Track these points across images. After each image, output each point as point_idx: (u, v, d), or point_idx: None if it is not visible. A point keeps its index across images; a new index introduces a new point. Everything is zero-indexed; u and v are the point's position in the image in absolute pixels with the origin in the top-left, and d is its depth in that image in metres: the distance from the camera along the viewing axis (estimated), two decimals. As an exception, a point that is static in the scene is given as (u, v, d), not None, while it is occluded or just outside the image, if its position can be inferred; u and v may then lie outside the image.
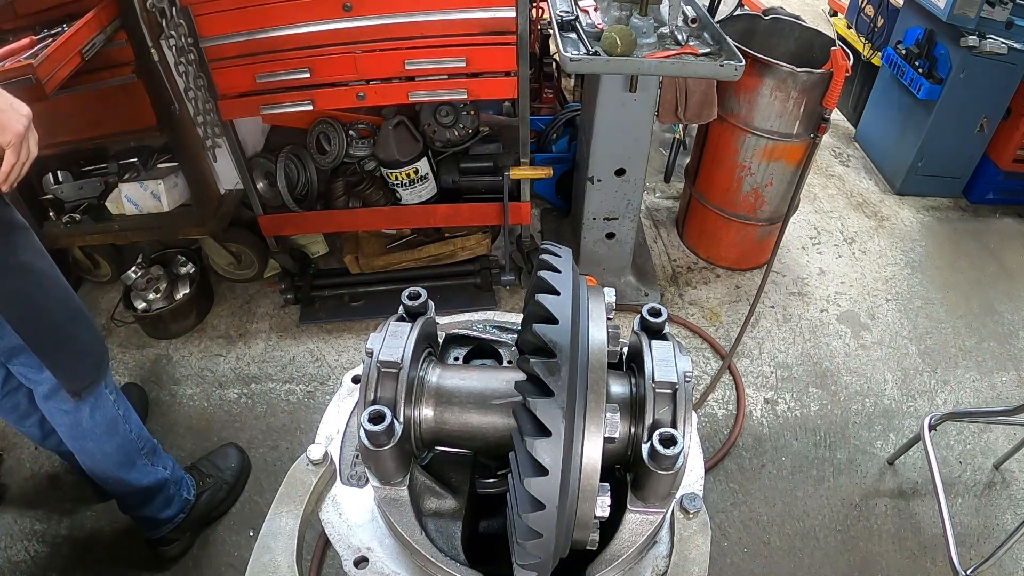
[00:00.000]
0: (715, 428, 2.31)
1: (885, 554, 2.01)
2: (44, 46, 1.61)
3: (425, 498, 0.82)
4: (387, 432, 0.70)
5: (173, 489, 1.82)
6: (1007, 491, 2.18)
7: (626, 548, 0.76)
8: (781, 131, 2.45)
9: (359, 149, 2.50)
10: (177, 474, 1.85)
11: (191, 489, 1.90)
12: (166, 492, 1.80)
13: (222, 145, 2.23)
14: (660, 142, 3.68)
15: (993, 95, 3.03)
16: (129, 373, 2.44)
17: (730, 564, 1.97)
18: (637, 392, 0.76)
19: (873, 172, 3.65)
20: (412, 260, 2.65)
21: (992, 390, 2.51)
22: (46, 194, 2.38)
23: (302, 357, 2.50)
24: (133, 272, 2.42)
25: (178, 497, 1.84)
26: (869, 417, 2.38)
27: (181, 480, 1.87)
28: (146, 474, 1.74)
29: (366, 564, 0.79)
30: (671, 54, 1.91)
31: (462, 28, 1.92)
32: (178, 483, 1.85)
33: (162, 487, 1.79)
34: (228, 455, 2.08)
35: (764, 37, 2.70)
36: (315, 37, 1.93)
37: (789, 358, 2.58)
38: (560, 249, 0.75)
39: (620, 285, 2.72)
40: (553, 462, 0.59)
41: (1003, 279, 3.02)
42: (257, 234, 2.55)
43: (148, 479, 1.74)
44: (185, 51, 1.92)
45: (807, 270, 3.00)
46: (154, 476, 1.76)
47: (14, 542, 1.97)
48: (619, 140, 2.27)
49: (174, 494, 1.83)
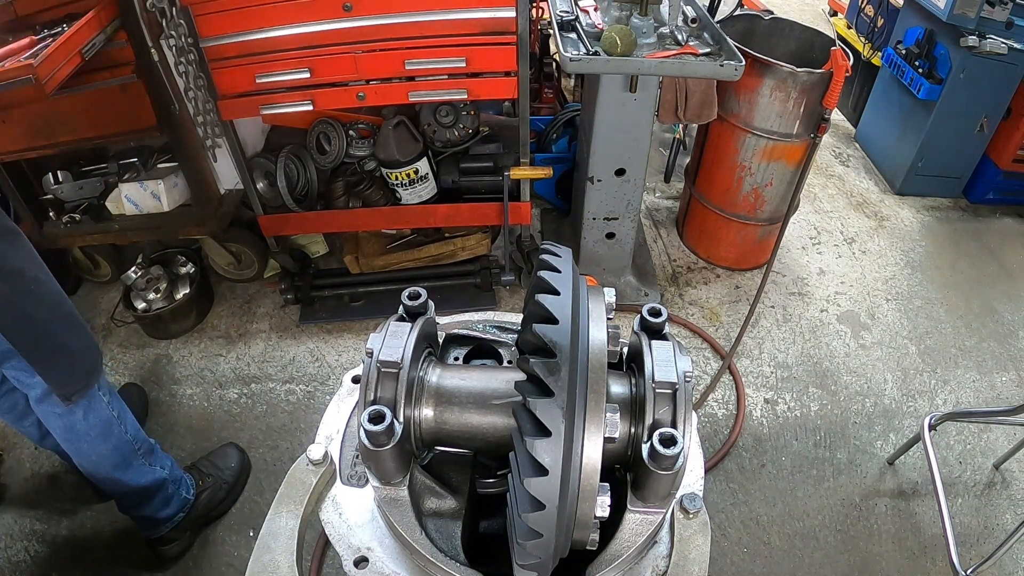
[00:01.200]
0: (715, 428, 2.31)
1: (885, 554, 2.01)
2: (44, 46, 1.61)
3: (425, 498, 0.82)
4: (387, 432, 0.70)
5: (172, 488, 1.82)
6: (1007, 491, 2.18)
7: (626, 548, 0.76)
8: (781, 131, 2.45)
9: (359, 149, 2.50)
10: (176, 473, 1.85)
11: (190, 488, 1.90)
12: (164, 492, 1.80)
13: (222, 145, 2.23)
14: (660, 142, 3.68)
15: (993, 95, 3.03)
16: (129, 373, 2.44)
17: (730, 564, 1.97)
18: (637, 392, 0.76)
19: (873, 172, 3.65)
20: (412, 260, 2.65)
21: (992, 390, 2.51)
22: (46, 194, 2.38)
23: (302, 357, 2.50)
24: (133, 272, 2.42)
25: (177, 497, 1.84)
26: (869, 417, 2.38)
27: (180, 479, 1.87)
28: (143, 474, 1.74)
29: (366, 564, 0.79)
30: (671, 54, 1.91)
31: (462, 28, 1.92)
32: (177, 482, 1.85)
33: (160, 487, 1.78)
34: (228, 455, 2.08)
35: (764, 37, 2.70)
36: (315, 37, 1.93)
37: (789, 358, 2.58)
38: (560, 249, 0.75)
39: (620, 285, 2.72)
40: (553, 462, 0.59)
41: (1003, 279, 3.02)
42: (257, 234, 2.55)
43: (145, 479, 1.74)
44: (185, 51, 1.92)
45: (807, 270, 3.00)
46: (151, 476, 1.75)
47: (14, 542, 1.97)
48: (619, 140, 2.27)
49: (172, 493, 1.83)
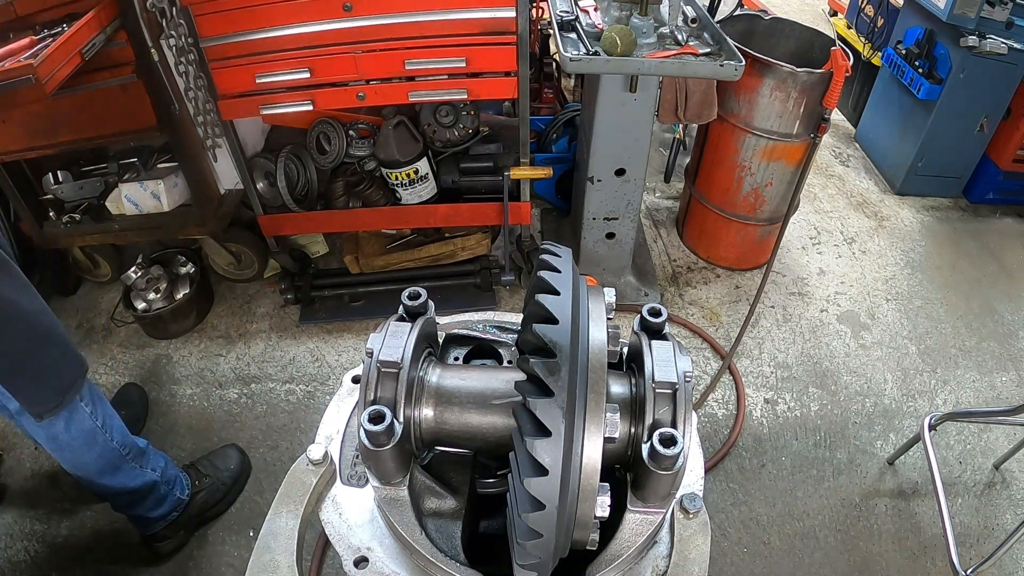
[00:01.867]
0: (715, 428, 2.31)
1: (885, 554, 2.01)
2: (44, 46, 1.61)
3: (425, 498, 0.82)
4: (387, 432, 0.70)
5: (164, 489, 1.82)
6: (1007, 491, 2.18)
7: (626, 548, 0.76)
8: (781, 131, 2.45)
9: (359, 149, 2.50)
10: (169, 474, 1.85)
11: (185, 488, 1.90)
12: (156, 492, 1.80)
13: (222, 145, 2.23)
14: (660, 142, 3.68)
15: (993, 95, 3.03)
16: (129, 373, 2.44)
17: (730, 564, 1.97)
18: (637, 392, 0.76)
19: (873, 172, 3.65)
20: (412, 260, 2.65)
21: (992, 390, 2.51)
22: (46, 194, 2.38)
23: (302, 357, 2.50)
24: (133, 272, 2.42)
25: (170, 496, 1.84)
26: (869, 417, 2.38)
27: (174, 479, 1.87)
28: (132, 478, 1.73)
29: (366, 564, 0.79)
30: (671, 54, 1.91)
31: (462, 28, 1.92)
32: (170, 482, 1.85)
33: (151, 488, 1.78)
34: (228, 456, 2.08)
35: (764, 37, 2.70)
36: (315, 37, 1.93)
37: (789, 358, 2.58)
38: (560, 249, 0.75)
39: (620, 285, 2.72)
40: (553, 462, 0.59)
41: (1003, 279, 3.02)
42: (257, 234, 2.55)
43: (135, 482, 1.74)
44: (185, 51, 1.92)
45: (807, 270, 3.00)
46: (141, 479, 1.75)
47: (14, 542, 1.97)
48: (619, 140, 2.27)
49: (166, 494, 1.83)
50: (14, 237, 2.45)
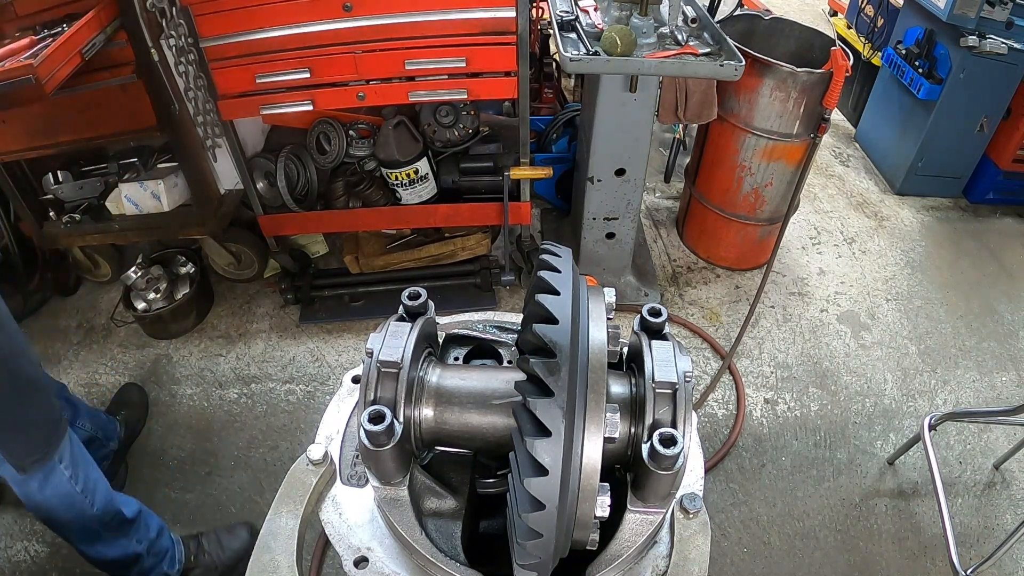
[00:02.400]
0: (715, 428, 2.31)
1: (885, 554, 2.01)
2: (44, 46, 1.61)
3: (425, 498, 0.82)
4: (387, 432, 0.70)
5: (150, 562, 1.65)
6: (1007, 491, 2.18)
7: (626, 548, 0.76)
8: (781, 131, 2.45)
9: (359, 149, 2.50)
10: (160, 546, 1.68)
11: (175, 563, 1.73)
12: (140, 565, 1.64)
13: (222, 145, 2.23)
14: (660, 142, 3.68)
15: (993, 95, 3.03)
16: (129, 373, 2.44)
17: (730, 564, 1.97)
18: (637, 392, 0.76)
19: (873, 172, 3.65)
20: (412, 260, 2.65)
21: (992, 390, 2.51)
22: (46, 194, 2.38)
23: (302, 357, 2.50)
24: (133, 272, 2.42)
25: (156, 570, 1.67)
26: (869, 417, 2.38)
27: (164, 553, 1.70)
28: (112, 548, 1.59)
29: (366, 564, 0.79)
30: (671, 54, 1.91)
31: (462, 28, 1.92)
32: (159, 555, 1.68)
33: (135, 560, 1.62)
34: (238, 536, 1.89)
35: (764, 37, 2.70)
36: (315, 37, 1.93)
37: (789, 358, 2.57)
38: (560, 249, 0.75)
39: (620, 285, 2.72)
40: (553, 462, 0.59)
41: (1003, 279, 3.02)
42: (257, 234, 2.55)
43: (115, 553, 1.59)
44: (185, 51, 1.92)
45: (807, 270, 2.99)
46: (122, 551, 1.60)
47: (14, 542, 1.97)
48: (619, 140, 2.27)
49: (151, 567, 1.66)
50: (14, 237, 2.45)
